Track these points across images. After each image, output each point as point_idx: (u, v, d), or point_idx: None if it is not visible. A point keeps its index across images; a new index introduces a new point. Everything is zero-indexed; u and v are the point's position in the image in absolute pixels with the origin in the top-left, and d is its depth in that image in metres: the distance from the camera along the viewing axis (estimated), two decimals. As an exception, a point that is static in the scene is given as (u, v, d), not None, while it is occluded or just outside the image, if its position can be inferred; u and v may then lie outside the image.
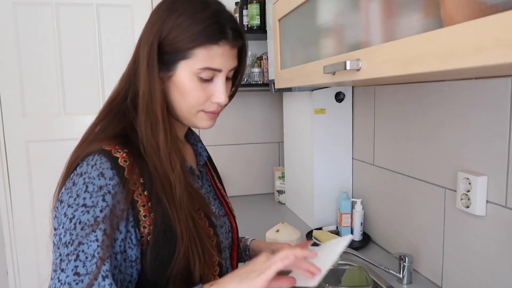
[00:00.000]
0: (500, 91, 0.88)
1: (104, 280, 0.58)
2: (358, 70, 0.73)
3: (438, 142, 1.09)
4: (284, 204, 2.02)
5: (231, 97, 0.80)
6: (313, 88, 1.56)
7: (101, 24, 2.06)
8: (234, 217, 0.86)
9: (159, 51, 0.68)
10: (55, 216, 0.65)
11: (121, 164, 0.64)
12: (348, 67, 0.73)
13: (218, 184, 0.89)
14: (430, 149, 1.13)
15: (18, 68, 1.99)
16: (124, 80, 0.74)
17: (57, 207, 0.64)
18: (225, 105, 0.77)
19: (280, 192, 2.05)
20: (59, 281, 0.58)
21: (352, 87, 1.59)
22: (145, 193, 0.65)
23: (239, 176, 2.26)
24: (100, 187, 0.61)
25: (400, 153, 1.28)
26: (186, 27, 0.67)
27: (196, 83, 0.70)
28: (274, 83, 1.36)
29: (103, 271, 0.58)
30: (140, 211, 0.64)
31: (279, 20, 1.25)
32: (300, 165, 1.76)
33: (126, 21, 2.08)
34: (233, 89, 0.82)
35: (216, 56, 0.69)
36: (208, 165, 0.90)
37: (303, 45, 1.11)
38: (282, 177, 2.04)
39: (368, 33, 0.75)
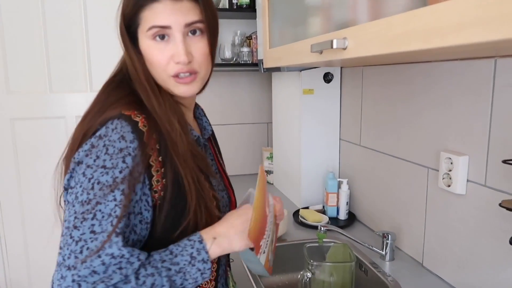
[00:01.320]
0: (483, 72, 0.89)
1: (117, 236, 0.60)
2: (344, 48, 0.73)
3: (422, 122, 1.11)
4: (273, 184, 2.04)
5: (212, 59, 0.77)
6: (301, 68, 1.55)
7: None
8: (233, 191, 0.89)
9: (126, 28, 0.72)
10: (70, 177, 0.66)
11: (140, 128, 0.66)
12: (334, 46, 0.73)
13: (220, 159, 0.92)
14: (414, 129, 1.15)
15: (2, 43, 1.94)
16: (122, 57, 0.78)
17: (73, 168, 0.65)
18: (206, 71, 0.74)
19: (269, 172, 2.07)
20: (71, 237, 0.60)
21: (341, 67, 1.60)
22: (160, 159, 0.67)
23: (227, 156, 2.26)
24: (121, 149, 0.63)
25: (385, 134, 1.29)
26: None
27: (152, 46, 0.70)
28: (263, 63, 1.36)
29: (118, 229, 0.60)
30: (154, 176, 0.66)
31: (268, -2, 1.24)
32: (288, 146, 1.78)
33: (112, -3, 2.03)
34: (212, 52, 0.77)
35: (159, 13, 0.68)
36: (211, 140, 0.92)
37: (292, 24, 1.11)
38: (271, 157, 2.06)
39: (355, 11, 0.75)
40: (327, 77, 1.58)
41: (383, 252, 1.18)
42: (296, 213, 1.56)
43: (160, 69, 0.72)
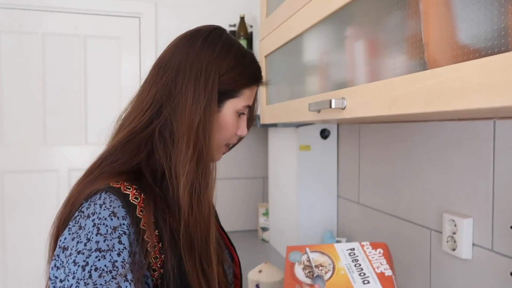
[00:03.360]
0: (483, 133, 0.89)
1: None
2: (343, 108, 0.73)
3: (423, 182, 1.08)
4: (268, 242, 1.97)
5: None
6: (298, 124, 1.56)
7: (87, 55, 2.05)
8: (235, 249, 0.84)
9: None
10: (55, 266, 0.55)
11: (132, 201, 0.60)
12: (333, 106, 0.72)
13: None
14: (415, 189, 1.12)
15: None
16: (147, 110, 0.67)
17: (58, 255, 0.56)
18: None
19: (264, 229, 2.00)
20: None
21: (337, 124, 1.60)
22: (156, 232, 0.61)
23: (222, 211, 2.18)
24: (114, 228, 0.56)
25: (385, 192, 1.26)
26: (241, 70, 0.72)
27: (236, 119, 0.74)
28: (259, 118, 1.36)
29: None
30: (151, 252, 0.60)
31: (266, 56, 1.27)
32: (285, 202, 1.73)
33: (113, 53, 2.08)
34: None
35: (252, 95, 0.76)
36: None
37: (289, 82, 1.12)
38: (266, 213, 2.00)
39: (353, 72, 0.76)
40: (324, 133, 1.58)
41: (387, 320, 1.10)
42: (293, 274, 1.49)
43: (228, 137, 0.75)
